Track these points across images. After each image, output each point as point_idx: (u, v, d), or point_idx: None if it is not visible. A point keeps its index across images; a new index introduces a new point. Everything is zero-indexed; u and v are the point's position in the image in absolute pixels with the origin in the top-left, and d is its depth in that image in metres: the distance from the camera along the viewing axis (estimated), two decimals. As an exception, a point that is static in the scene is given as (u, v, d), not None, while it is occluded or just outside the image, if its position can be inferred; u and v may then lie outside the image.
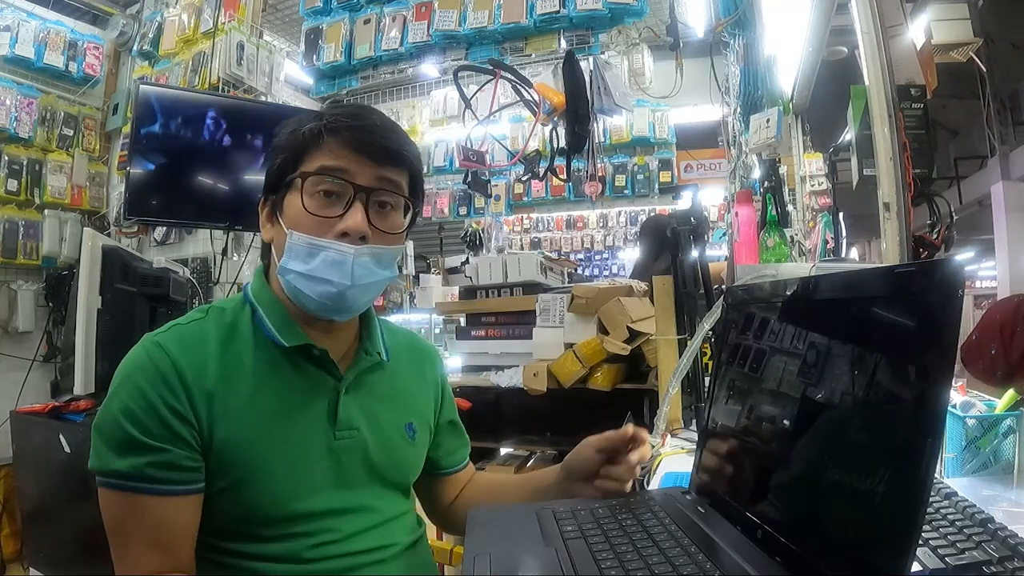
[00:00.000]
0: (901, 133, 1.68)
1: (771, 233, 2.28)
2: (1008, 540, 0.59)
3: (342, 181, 0.78)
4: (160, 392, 0.72)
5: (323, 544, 0.77)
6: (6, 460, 2.39)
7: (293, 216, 0.79)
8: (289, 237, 0.78)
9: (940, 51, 3.66)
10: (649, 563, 0.58)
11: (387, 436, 0.86)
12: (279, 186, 0.82)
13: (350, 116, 0.81)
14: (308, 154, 0.80)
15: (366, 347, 0.88)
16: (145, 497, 0.71)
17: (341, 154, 0.79)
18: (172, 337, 0.76)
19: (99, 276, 1.78)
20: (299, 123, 0.82)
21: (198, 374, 0.74)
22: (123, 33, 3.41)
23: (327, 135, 0.79)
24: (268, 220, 0.84)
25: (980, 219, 6.85)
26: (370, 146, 0.79)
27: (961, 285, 0.43)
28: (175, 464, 0.72)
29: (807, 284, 0.65)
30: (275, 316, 0.81)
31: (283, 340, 0.79)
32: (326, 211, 0.78)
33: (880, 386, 0.50)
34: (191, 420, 0.73)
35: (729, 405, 0.76)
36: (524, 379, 1.81)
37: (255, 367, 0.78)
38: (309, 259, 0.77)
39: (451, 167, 4.32)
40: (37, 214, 3.14)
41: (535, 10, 2.45)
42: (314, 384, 0.81)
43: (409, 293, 4.57)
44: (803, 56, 3.01)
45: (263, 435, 0.76)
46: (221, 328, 0.80)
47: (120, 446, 0.71)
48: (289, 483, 0.76)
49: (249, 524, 0.76)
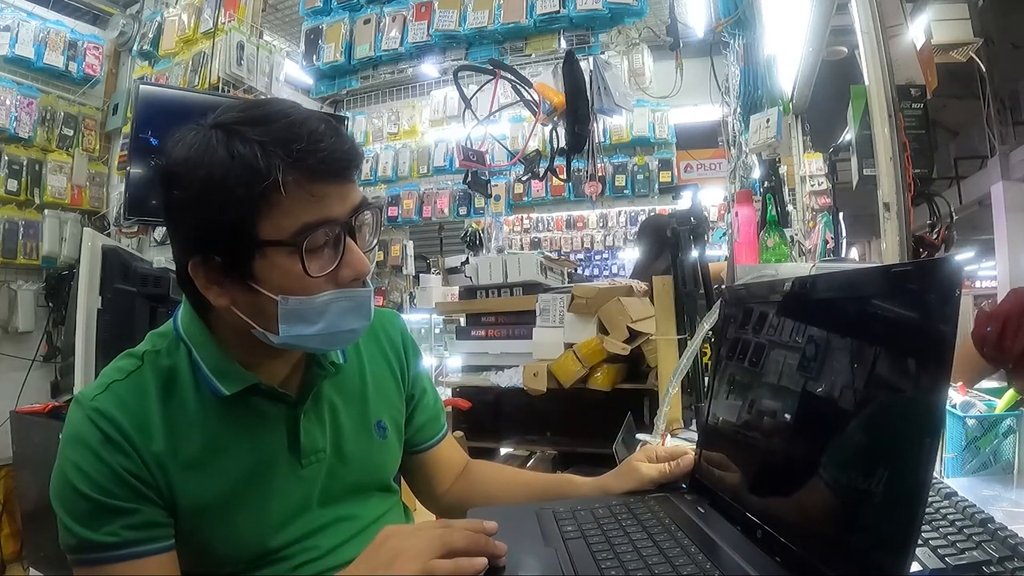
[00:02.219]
0: (901, 133, 1.68)
1: (771, 233, 2.28)
2: (1008, 540, 0.59)
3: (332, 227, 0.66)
4: (114, 456, 0.65)
5: (304, 564, 0.74)
6: (6, 460, 2.39)
7: (282, 282, 0.65)
8: (283, 304, 0.66)
9: (940, 51, 3.65)
10: (649, 563, 0.58)
11: (356, 444, 0.81)
12: (234, 247, 0.65)
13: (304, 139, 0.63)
14: (274, 204, 0.63)
15: (319, 360, 0.78)
16: (133, 563, 0.66)
17: (318, 195, 0.64)
18: (110, 399, 0.68)
19: (99, 276, 1.78)
20: (228, 156, 0.63)
21: (144, 437, 0.67)
22: (123, 33, 3.42)
23: (297, 176, 0.63)
24: (214, 284, 0.67)
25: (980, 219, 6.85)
26: (341, 170, 0.66)
27: (959, 284, 0.43)
28: (151, 522, 0.67)
29: (805, 284, 0.65)
30: (210, 359, 0.71)
31: (223, 389, 0.70)
32: (325, 266, 0.66)
33: (878, 386, 0.50)
34: (150, 482, 0.67)
35: (727, 407, 0.76)
36: (524, 379, 1.81)
37: (201, 418, 0.70)
38: (318, 318, 0.67)
39: (451, 167, 4.31)
40: (37, 214, 3.15)
41: (535, 10, 2.45)
42: (268, 419, 0.74)
43: (409, 293, 4.57)
44: (803, 56, 3.02)
45: (223, 485, 0.70)
46: (158, 378, 0.71)
47: (89, 516, 0.65)
48: (260, 525, 0.72)
49: (224, 566, 0.72)
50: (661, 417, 1.17)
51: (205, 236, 0.66)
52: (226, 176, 0.63)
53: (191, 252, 0.67)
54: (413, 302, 4.43)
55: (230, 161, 0.63)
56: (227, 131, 0.65)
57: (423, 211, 4.52)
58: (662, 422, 1.17)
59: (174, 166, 0.66)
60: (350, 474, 0.80)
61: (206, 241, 0.66)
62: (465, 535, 0.60)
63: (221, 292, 0.68)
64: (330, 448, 0.78)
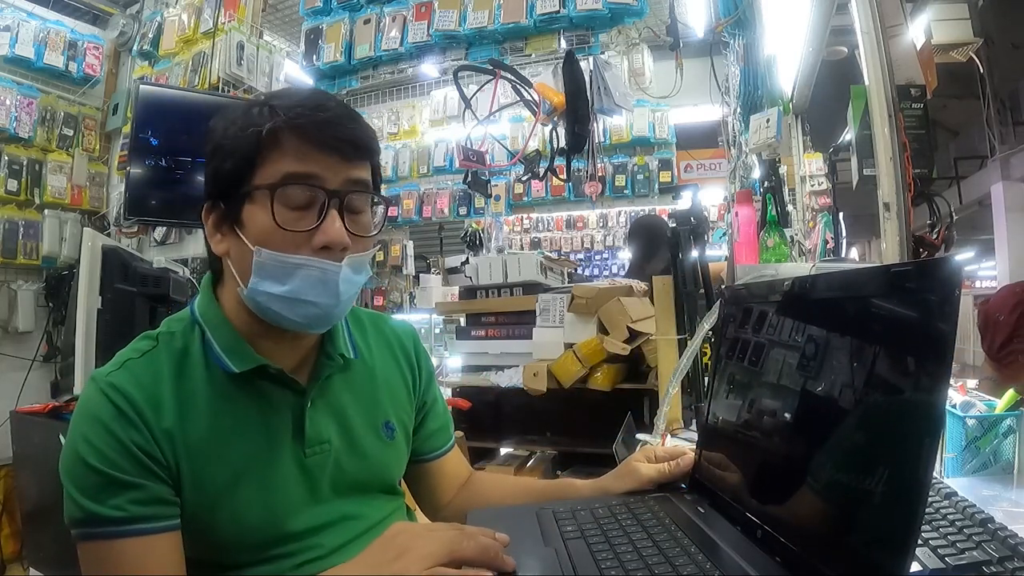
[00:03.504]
0: (901, 133, 1.67)
1: (771, 233, 2.28)
2: (1008, 540, 0.59)
3: (314, 188, 0.70)
4: (125, 431, 0.67)
5: (307, 562, 0.74)
6: (6, 460, 2.39)
7: (259, 231, 0.70)
8: (257, 255, 0.69)
9: (940, 51, 3.65)
10: (649, 563, 0.58)
11: (362, 442, 0.82)
12: (232, 194, 0.71)
13: (310, 107, 0.70)
14: (267, 156, 0.69)
15: (327, 351, 0.80)
16: (140, 539, 0.66)
17: (307, 155, 0.69)
18: (125, 376, 0.70)
19: (99, 276, 1.78)
20: (247, 117, 0.71)
21: (155, 413, 0.69)
22: (123, 33, 3.42)
23: (288, 133, 0.69)
24: (218, 230, 0.74)
25: (980, 219, 6.85)
26: (338, 142, 0.71)
27: (958, 284, 0.43)
28: (158, 498, 0.68)
29: (805, 284, 0.65)
30: (223, 338, 0.74)
31: (233, 366, 0.73)
32: (300, 224, 0.69)
33: (878, 386, 0.50)
34: (159, 459, 0.68)
35: (727, 407, 0.76)
36: (524, 379, 1.82)
37: (210, 397, 0.73)
38: (286, 279, 0.70)
39: (451, 167, 4.31)
40: (37, 214, 3.15)
41: (535, 10, 2.45)
42: (275, 404, 0.76)
43: (409, 293, 4.58)
44: (803, 56, 3.02)
45: (227, 467, 0.72)
46: (172, 358, 0.73)
47: (97, 489, 0.66)
48: (262, 510, 0.73)
49: (227, 554, 0.73)
50: (661, 417, 1.17)
51: (214, 183, 0.73)
52: (234, 129, 0.72)
53: (206, 199, 0.75)
54: (413, 302, 4.43)
55: (241, 118, 0.72)
56: (256, 101, 0.75)
57: (423, 211, 4.53)
58: (662, 422, 1.17)
59: (210, 128, 0.75)
60: (356, 470, 0.81)
61: (214, 188, 0.73)
62: (477, 545, 0.58)
63: (221, 239, 0.74)
64: (337, 441, 0.79)
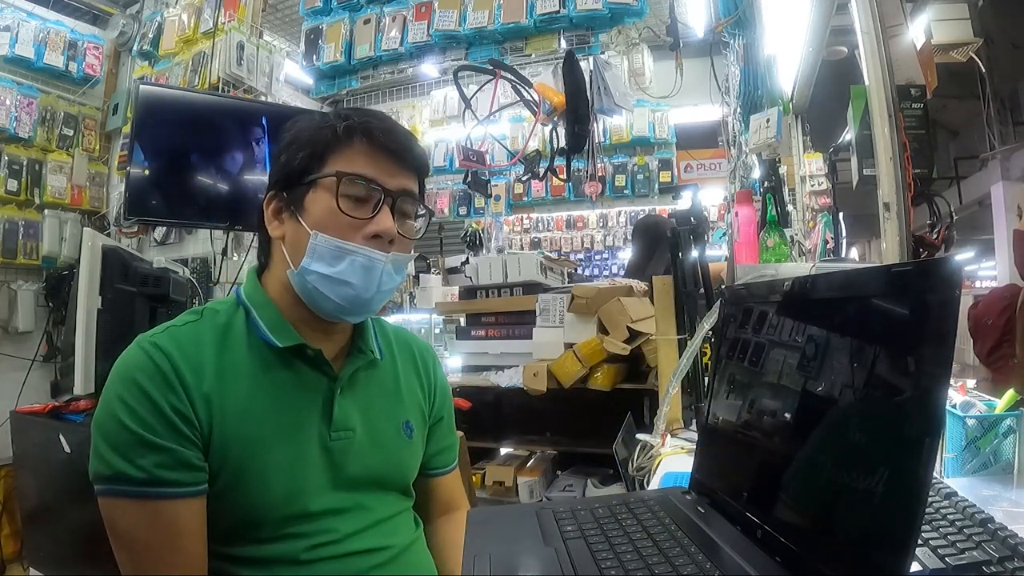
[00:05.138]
0: (901, 133, 1.67)
1: (771, 233, 2.28)
2: (1008, 540, 0.59)
3: (375, 186, 0.79)
4: (162, 391, 0.71)
5: (320, 545, 0.77)
6: (6, 460, 2.38)
7: (319, 216, 0.78)
8: (313, 238, 0.77)
9: (940, 51, 3.64)
10: (649, 563, 0.58)
11: (384, 436, 0.86)
12: (297, 182, 0.80)
13: (379, 118, 0.82)
14: (336, 153, 0.79)
15: (359, 345, 0.87)
16: (161, 502, 0.69)
17: (372, 156, 0.79)
18: (168, 338, 0.75)
19: (99, 276, 1.78)
20: (324, 118, 0.82)
21: (196, 376, 0.73)
22: (123, 33, 3.41)
23: (360, 134, 0.79)
24: (277, 217, 0.82)
25: (980, 219, 6.84)
26: (400, 150, 0.81)
27: (958, 284, 0.43)
28: (185, 463, 0.71)
29: (805, 284, 0.65)
30: (269, 318, 0.80)
31: (277, 341, 0.79)
32: (357, 212, 0.78)
33: (878, 386, 0.50)
34: (192, 420, 0.72)
35: (727, 407, 0.76)
36: (524, 379, 1.82)
37: (250, 369, 0.78)
38: (336, 262, 0.77)
39: (451, 167, 4.32)
40: (37, 214, 3.14)
41: (535, 10, 2.45)
42: (309, 385, 0.81)
43: (409, 293, 4.57)
44: (803, 56, 3.01)
45: (258, 437, 0.75)
46: (215, 330, 0.79)
47: (127, 447, 0.69)
48: (284, 484, 0.76)
49: (246, 526, 0.75)
50: (661, 417, 1.17)
51: (281, 176, 0.82)
52: (311, 127, 0.81)
53: (270, 190, 0.84)
54: (413, 302, 4.43)
55: (318, 118, 0.83)
56: (332, 111, 0.89)
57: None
58: (662, 422, 1.17)
59: (287, 127, 0.84)
60: (376, 463, 0.84)
61: (281, 180, 0.82)
62: None
63: (279, 224, 0.82)
64: (361, 431, 0.83)
